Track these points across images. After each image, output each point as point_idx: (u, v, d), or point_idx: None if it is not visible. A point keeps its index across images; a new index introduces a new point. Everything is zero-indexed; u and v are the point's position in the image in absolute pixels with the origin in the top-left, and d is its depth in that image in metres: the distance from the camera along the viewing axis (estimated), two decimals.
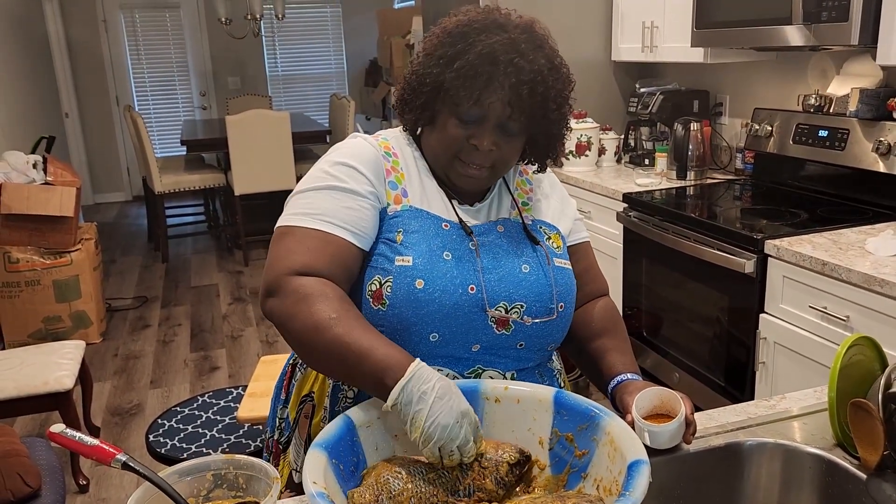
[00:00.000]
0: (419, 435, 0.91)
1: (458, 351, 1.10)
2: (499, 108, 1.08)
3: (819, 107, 2.71)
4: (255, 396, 2.33)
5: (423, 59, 1.15)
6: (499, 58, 1.06)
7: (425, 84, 1.12)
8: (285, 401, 1.25)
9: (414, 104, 1.15)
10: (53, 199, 3.70)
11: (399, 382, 0.92)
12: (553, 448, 0.99)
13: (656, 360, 2.88)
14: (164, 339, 4.09)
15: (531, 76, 1.07)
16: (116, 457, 0.90)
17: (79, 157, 7.20)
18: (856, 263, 1.98)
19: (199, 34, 7.48)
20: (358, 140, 1.17)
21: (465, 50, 1.08)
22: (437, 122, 1.14)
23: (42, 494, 1.89)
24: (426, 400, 0.91)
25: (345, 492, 0.92)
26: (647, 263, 2.89)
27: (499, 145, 1.11)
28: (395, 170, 1.15)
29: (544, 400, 1.01)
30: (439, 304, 1.07)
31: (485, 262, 1.12)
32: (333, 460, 0.92)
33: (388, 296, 1.07)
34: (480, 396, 1.02)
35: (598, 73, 3.65)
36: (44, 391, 2.50)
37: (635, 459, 0.86)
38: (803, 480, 1.11)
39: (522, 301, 1.11)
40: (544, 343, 1.16)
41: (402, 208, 1.12)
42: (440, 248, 1.10)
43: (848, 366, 1.10)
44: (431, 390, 0.92)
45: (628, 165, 3.52)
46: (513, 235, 1.18)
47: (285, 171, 5.29)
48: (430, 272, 1.07)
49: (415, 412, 0.91)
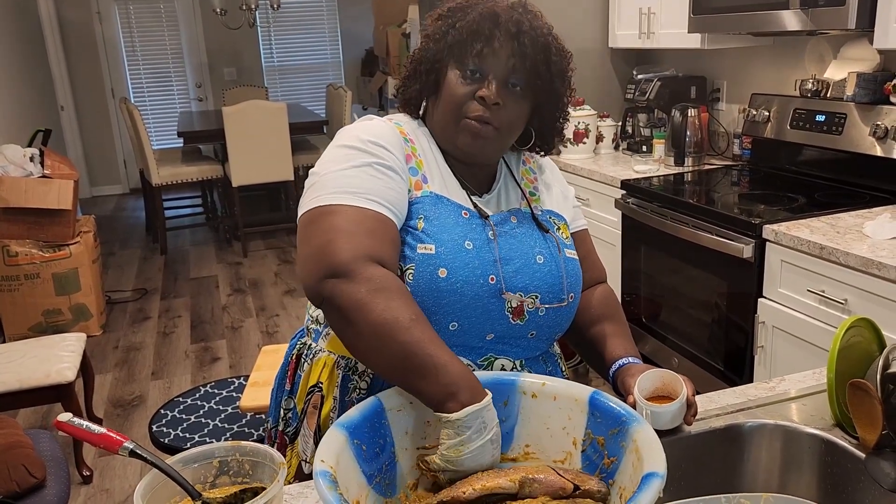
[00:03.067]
0: (453, 457, 0.91)
1: (473, 340, 1.10)
2: (502, 58, 1.08)
3: (816, 91, 2.71)
4: (257, 386, 2.34)
5: (423, 41, 1.16)
6: (500, 15, 1.09)
7: (429, 50, 1.14)
8: (290, 391, 1.24)
9: (418, 72, 1.16)
10: (51, 192, 3.70)
11: (476, 405, 0.91)
12: (585, 450, 0.97)
13: (655, 346, 2.89)
14: (164, 330, 4.09)
15: (532, 30, 1.09)
16: (124, 444, 0.90)
17: (75, 150, 7.18)
18: (853, 247, 1.99)
19: (193, 25, 7.44)
20: (377, 121, 1.14)
21: (465, 13, 1.11)
22: (441, 87, 1.13)
23: (47, 485, 1.90)
24: (482, 436, 0.91)
25: (364, 472, 0.92)
26: (645, 250, 2.89)
27: (504, 101, 1.10)
28: (414, 155, 1.14)
29: (580, 400, 0.98)
30: (461, 294, 1.06)
31: (502, 252, 1.11)
32: (355, 441, 0.92)
33: (409, 283, 1.05)
34: (518, 391, 1.01)
35: (596, 60, 3.65)
36: (46, 383, 2.51)
37: (649, 472, 0.81)
38: (803, 460, 1.12)
39: (537, 292, 1.12)
40: (554, 332, 1.17)
41: (422, 194, 1.11)
42: (461, 236, 1.09)
43: (846, 347, 1.11)
44: (491, 430, 0.92)
45: (626, 152, 3.52)
46: (525, 226, 1.18)
47: (283, 162, 5.29)
48: (453, 261, 1.06)
49: (469, 439, 0.91)
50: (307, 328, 1.24)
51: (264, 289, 4.69)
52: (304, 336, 1.24)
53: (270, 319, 4.18)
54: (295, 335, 1.30)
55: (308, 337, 1.22)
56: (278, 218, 6.11)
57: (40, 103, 6.15)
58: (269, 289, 4.69)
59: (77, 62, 7.15)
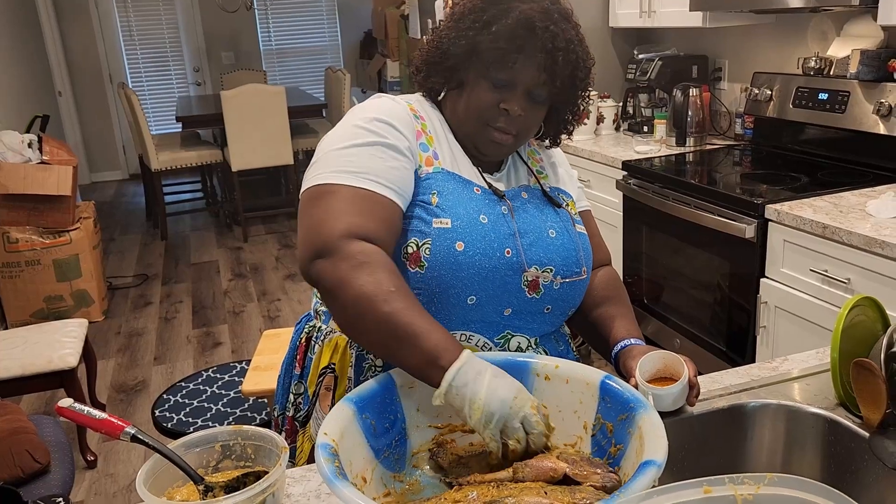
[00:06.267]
0: (480, 415, 0.88)
1: (491, 315, 1.10)
2: (533, 73, 1.09)
3: (819, 69, 2.69)
4: (259, 370, 2.35)
5: (453, 23, 1.13)
6: (535, 24, 1.07)
7: (458, 46, 1.11)
8: (300, 375, 1.23)
9: (443, 66, 1.14)
10: (51, 178, 3.69)
11: (455, 364, 0.90)
12: (595, 435, 0.97)
13: (657, 327, 2.89)
14: (166, 316, 4.10)
15: (565, 44, 1.08)
16: (125, 429, 0.90)
17: (74, 135, 7.15)
18: (856, 226, 1.98)
19: (191, 8, 7.38)
20: (385, 99, 1.14)
21: (501, 14, 1.08)
22: (466, 87, 1.13)
23: (51, 470, 1.91)
24: (482, 378, 0.89)
25: (371, 446, 0.92)
26: (647, 231, 2.88)
27: (526, 111, 1.11)
28: (424, 132, 1.14)
29: (591, 384, 0.98)
30: (479, 267, 1.06)
31: (518, 226, 1.12)
32: (365, 415, 0.92)
33: (426, 258, 1.05)
34: (531, 372, 1.01)
35: (596, 39, 3.61)
36: (48, 369, 2.51)
37: (647, 459, 0.80)
38: (806, 440, 1.12)
39: (552, 265, 1.13)
40: (568, 306, 1.18)
41: (433, 170, 1.11)
42: (476, 210, 1.09)
43: (850, 326, 1.10)
44: (486, 370, 0.90)
45: (627, 133, 3.50)
46: (537, 201, 1.19)
47: (282, 146, 5.27)
48: (470, 234, 1.07)
49: (473, 391, 0.89)
50: (315, 311, 1.23)
51: (265, 273, 4.69)
52: (313, 319, 1.24)
53: (272, 304, 4.18)
54: (301, 319, 1.30)
55: (317, 319, 1.22)
56: (278, 202, 6.10)
57: (38, 89, 6.12)
58: (270, 273, 4.68)
59: (74, 47, 7.11)
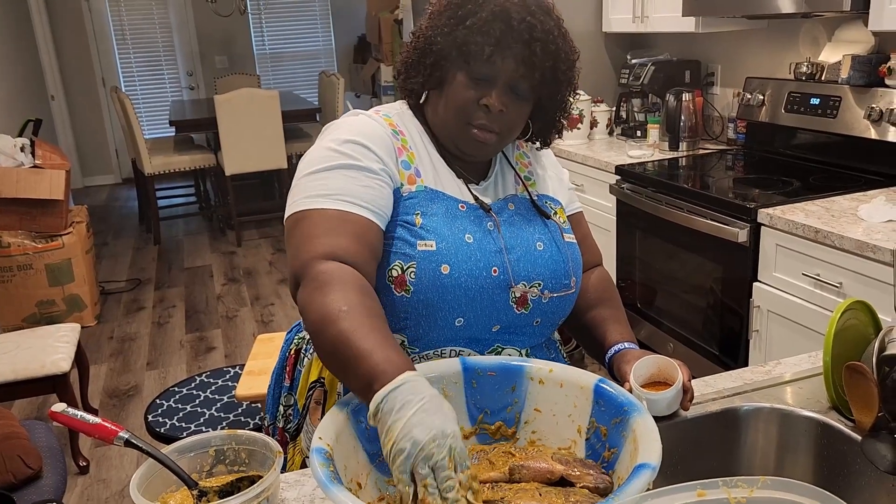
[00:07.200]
0: (389, 448, 0.79)
1: (480, 333, 1.09)
2: (511, 65, 1.07)
3: (811, 74, 2.71)
4: (252, 375, 2.34)
5: (430, 21, 1.12)
6: (512, 16, 1.05)
7: (435, 43, 1.10)
8: (290, 387, 1.22)
9: (422, 64, 1.13)
10: (43, 182, 3.67)
11: (385, 387, 0.82)
12: (589, 438, 0.97)
13: (650, 331, 2.90)
14: (158, 320, 4.08)
15: (543, 35, 1.06)
16: (119, 434, 0.90)
17: (66, 139, 7.12)
18: (848, 230, 1.99)
19: (184, 12, 7.37)
20: (361, 118, 1.12)
21: (477, 9, 1.07)
22: (445, 84, 1.11)
23: (43, 476, 1.90)
24: (407, 410, 0.80)
25: (366, 451, 0.91)
26: (640, 235, 2.89)
27: (507, 107, 1.09)
28: (405, 149, 1.12)
29: (586, 387, 0.98)
30: (466, 289, 1.05)
31: (506, 241, 1.11)
32: (360, 420, 0.91)
33: (411, 282, 1.04)
34: (525, 376, 1.01)
35: (589, 44, 3.63)
36: (41, 374, 2.50)
37: (641, 462, 0.80)
38: (799, 443, 1.12)
39: (540, 279, 1.11)
40: (557, 318, 1.17)
41: (416, 189, 1.09)
42: (461, 230, 1.08)
43: (842, 330, 1.11)
44: (418, 402, 0.81)
45: (620, 137, 3.51)
46: (524, 212, 1.17)
47: (276, 150, 5.26)
48: (455, 256, 1.05)
49: (392, 421, 0.80)
50: None
51: (259, 278, 4.68)
52: (302, 330, 1.23)
53: (265, 308, 4.17)
54: (291, 329, 1.29)
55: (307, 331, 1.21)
56: (272, 206, 6.08)
57: (30, 93, 6.09)
58: (264, 278, 4.67)
59: (67, 51, 7.09)
